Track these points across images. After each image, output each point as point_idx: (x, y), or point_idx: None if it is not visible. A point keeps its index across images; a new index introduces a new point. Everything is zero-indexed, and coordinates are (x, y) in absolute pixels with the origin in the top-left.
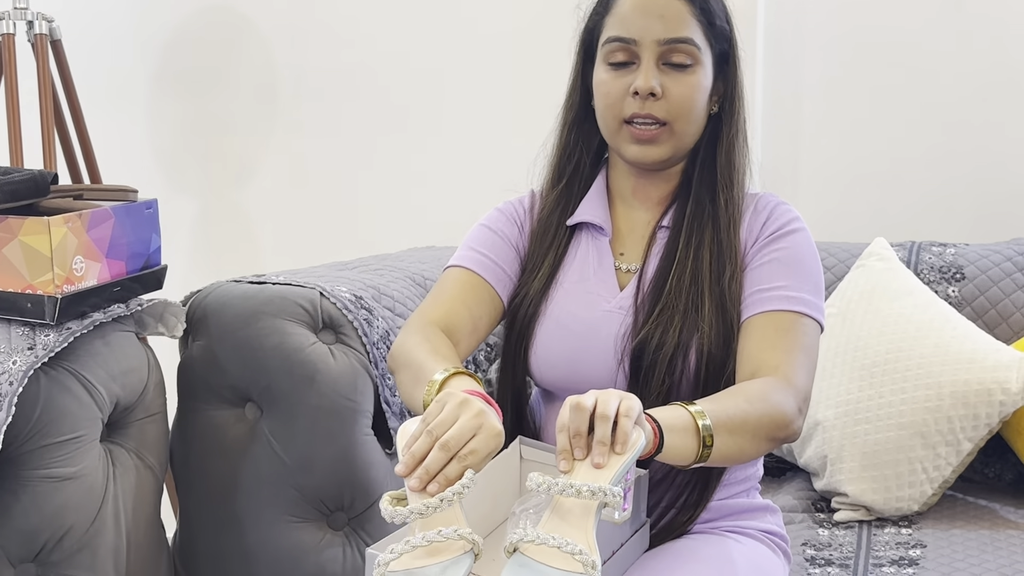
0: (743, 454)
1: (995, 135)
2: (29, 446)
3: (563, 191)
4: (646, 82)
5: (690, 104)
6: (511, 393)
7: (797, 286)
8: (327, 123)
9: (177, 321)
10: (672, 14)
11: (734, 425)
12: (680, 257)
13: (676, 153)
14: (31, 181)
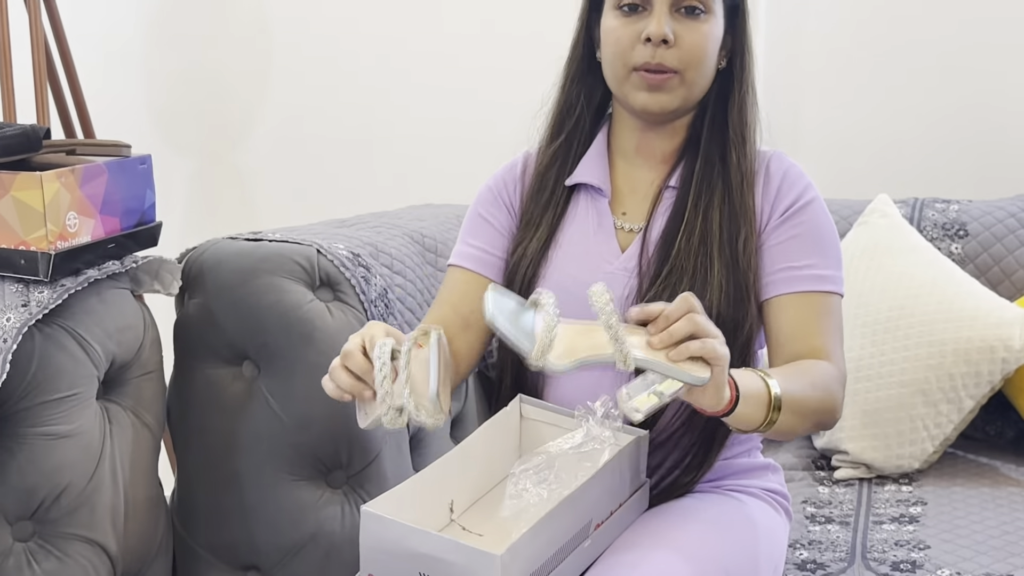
0: (793, 432)
1: (999, 92)
2: (25, 404)
3: (561, 146)
4: (659, 28)
5: (702, 53)
6: (511, 356)
7: (824, 263)
8: (325, 78)
9: (173, 278)
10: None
11: (797, 405)
12: (688, 218)
13: (685, 104)
14: (23, 136)
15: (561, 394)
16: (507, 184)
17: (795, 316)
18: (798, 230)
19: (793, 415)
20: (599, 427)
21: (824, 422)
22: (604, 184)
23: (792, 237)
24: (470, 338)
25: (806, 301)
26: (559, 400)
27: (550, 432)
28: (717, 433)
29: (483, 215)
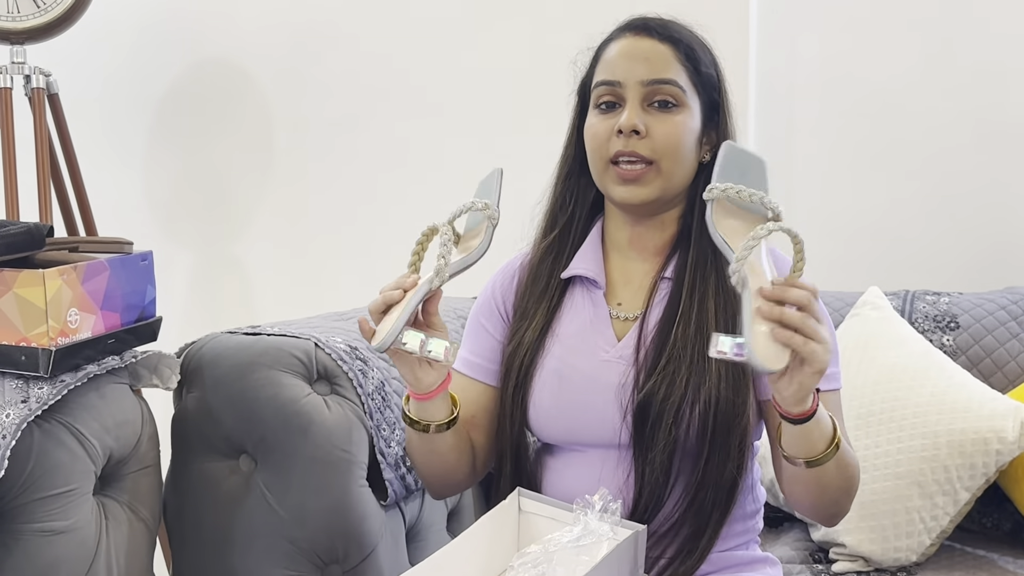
0: (822, 492)
1: (988, 184)
2: (22, 500)
3: (555, 240)
4: (629, 120)
5: (675, 142)
6: (510, 446)
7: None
8: (323, 175)
9: (171, 373)
10: (656, 56)
11: (843, 463)
12: (684, 307)
13: (664, 194)
14: (27, 234)
15: (560, 487)
16: (503, 292)
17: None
18: None
19: (836, 473)
20: (597, 521)
21: (843, 508)
22: (599, 276)
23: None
24: (479, 437)
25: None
26: (558, 492)
27: (548, 526)
28: (711, 520)
29: (482, 323)
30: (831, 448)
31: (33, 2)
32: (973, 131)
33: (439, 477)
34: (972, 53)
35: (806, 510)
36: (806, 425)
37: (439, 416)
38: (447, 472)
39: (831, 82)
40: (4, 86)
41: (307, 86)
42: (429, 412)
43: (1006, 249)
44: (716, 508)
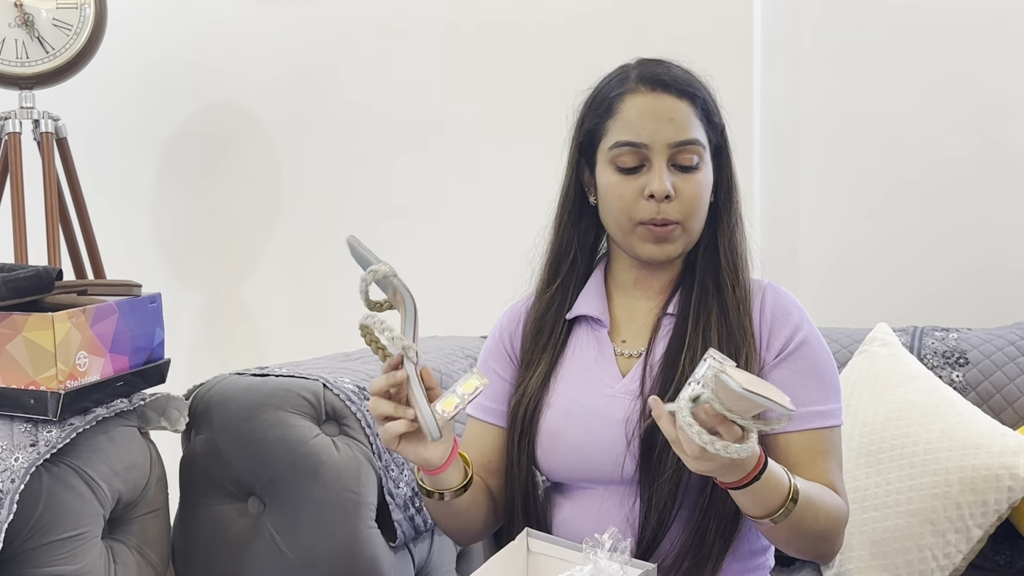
0: (789, 542)
1: (995, 219)
2: (31, 544)
3: (559, 289)
4: (662, 185)
5: (700, 203)
6: (520, 489)
7: (824, 398)
8: (329, 217)
9: (180, 415)
10: (680, 117)
11: (810, 511)
12: (690, 341)
13: (687, 248)
14: (36, 277)
15: (569, 526)
16: (511, 335)
17: (800, 452)
18: (797, 367)
19: (799, 526)
20: (607, 560)
21: (824, 550)
22: (603, 315)
23: (793, 374)
24: (496, 481)
25: (810, 439)
26: (567, 531)
27: (557, 566)
28: (712, 552)
29: (493, 368)
30: (786, 504)
31: (42, 47)
32: (979, 167)
33: (461, 532)
34: (977, 90)
35: (792, 553)
36: (749, 489)
37: (454, 483)
38: (469, 527)
39: (836, 120)
40: (13, 131)
41: (312, 128)
42: (443, 482)
43: (1014, 285)
44: (719, 539)
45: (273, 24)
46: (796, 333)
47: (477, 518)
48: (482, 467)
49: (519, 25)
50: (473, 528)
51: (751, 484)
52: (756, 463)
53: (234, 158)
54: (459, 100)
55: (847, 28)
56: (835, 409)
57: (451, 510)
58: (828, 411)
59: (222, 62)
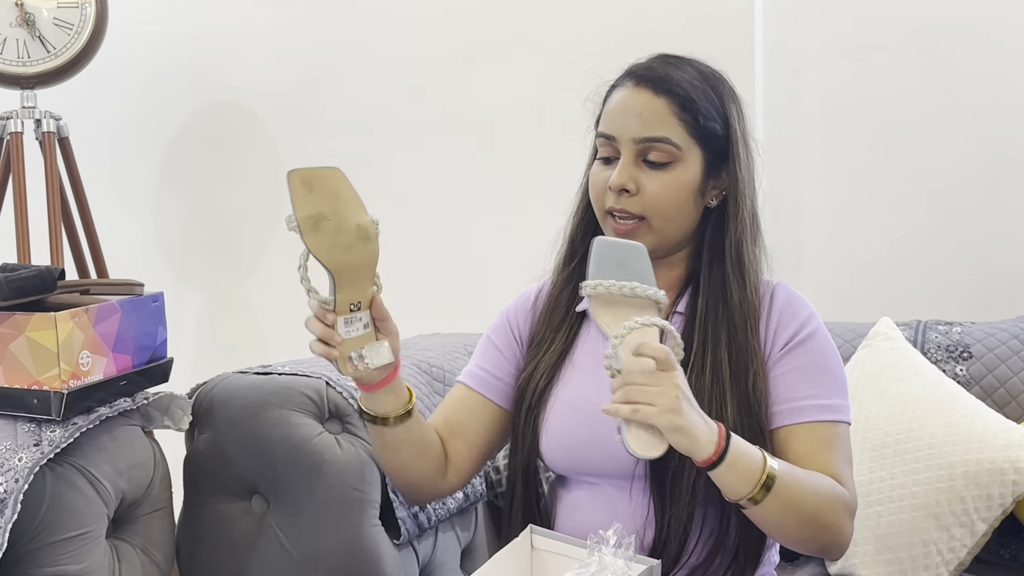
0: (784, 529)
1: (998, 213)
2: (35, 544)
3: (574, 271)
4: (618, 179)
5: (666, 201)
6: (522, 474)
7: (829, 392)
8: None
9: (183, 414)
10: (650, 112)
11: (791, 499)
12: (696, 354)
13: (661, 245)
14: (38, 277)
15: (573, 522)
16: (518, 314)
17: (802, 446)
18: (802, 360)
19: (784, 507)
20: (611, 557)
21: (823, 539)
22: None
23: (797, 368)
24: (460, 446)
25: (813, 431)
26: (571, 527)
27: (562, 563)
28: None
29: (493, 340)
30: (759, 487)
31: (43, 47)
32: (983, 160)
33: (398, 475)
34: (980, 84)
35: (793, 546)
36: (717, 470)
37: (388, 408)
38: (405, 469)
39: (838, 116)
40: (15, 130)
41: (314, 127)
42: (378, 403)
43: (1018, 278)
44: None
45: (275, 23)
46: (803, 328)
47: (415, 464)
48: (450, 426)
49: (520, 25)
50: (411, 475)
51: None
52: (720, 434)
53: (236, 157)
54: (460, 99)
55: (849, 24)
56: (840, 405)
57: (384, 440)
58: (832, 405)
59: (224, 61)
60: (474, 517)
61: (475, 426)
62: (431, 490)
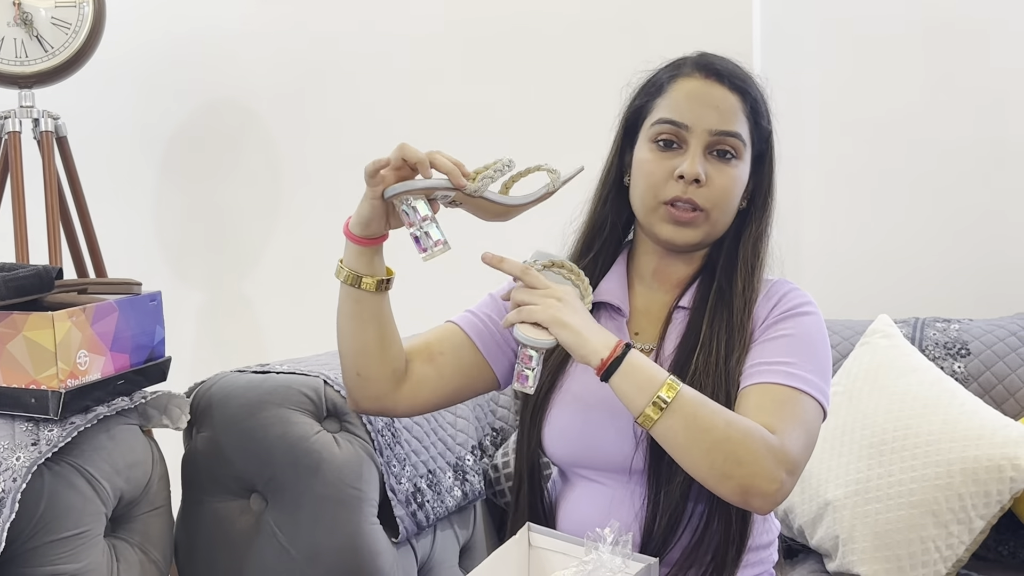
0: (686, 453)
1: (996, 210)
2: (33, 543)
3: (590, 263)
4: (693, 167)
5: (729, 195)
6: (526, 466)
7: (801, 364)
8: (329, 213)
9: (181, 413)
10: (727, 107)
11: (695, 421)
12: (704, 338)
13: (706, 239)
14: (36, 276)
15: (572, 519)
16: None
17: (752, 400)
18: (784, 332)
19: (688, 428)
20: (609, 555)
21: (739, 477)
22: (624, 304)
23: (777, 337)
24: (427, 370)
25: (770, 390)
26: (570, 525)
27: (559, 560)
28: (728, 556)
29: (495, 297)
30: (656, 401)
31: (41, 46)
32: (980, 158)
33: (355, 357)
34: (978, 82)
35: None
36: (613, 379)
37: (374, 268)
38: (363, 352)
39: (836, 112)
40: (13, 130)
41: (312, 125)
42: (363, 261)
43: (1016, 275)
44: (732, 542)
45: (274, 22)
46: (798, 308)
47: (374, 346)
48: (429, 350)
49: (519, 23)
50: (367, 357)
51: (617, 365)
52: (618, 344)
53: (235, 156)
54: (460, 98)
55: (847, 20)
56: (810, 379)
57: (355, 308)
58: (799, 375)
59: (222, 60)
60: (472, 515)
61: (453, 360)
62: (378, 390)
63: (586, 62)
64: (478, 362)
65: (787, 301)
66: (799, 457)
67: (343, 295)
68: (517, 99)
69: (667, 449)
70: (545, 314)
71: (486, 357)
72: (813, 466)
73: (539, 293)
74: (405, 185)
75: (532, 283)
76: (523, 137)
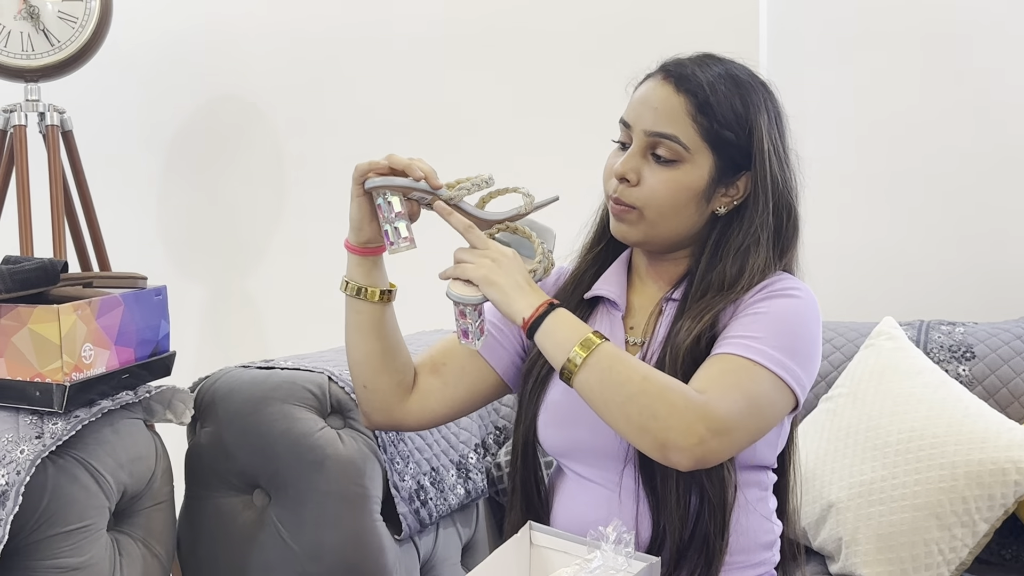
0: (606, 409)
1: (1002, 213)
2: (36, 536)
3: (599, 254)
4: (622, 167)
5: (661, 197)
6: (521, 451)
7: (766, 340)
8: (333, 209)
9: (185, 407)
10: (665, 108)
11: (612, 375)
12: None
13: (652, 238)
14: (41, 270)
15: (571, 516)
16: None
17: (704, 370)
18: (758, 310)
19: (603, 382)
20: (611, 553)
21: (654, 431)
22: (620, 299)
23: (750, 314)
24: (434, 382)
25: (723, 359)
26: (569, 522)
27: (560, 559)
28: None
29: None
30: (572, 354)
31: (47, 40)
32: (986, 161)
33: (362, 368)
34: (983, 84)
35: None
36: (537, 335)
37: (375, 280)
38: (369, 363)
39: (841, 115)
40: (19, 123)
41: (317, 121)
42: (365, 272)
43: (1021, 278)
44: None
45: (279, 17)
46: (778, 292)
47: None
48: (433, 362)
49: (523, 22)
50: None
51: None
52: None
53: (239, 151)
54: (463, 96)
55: (853, 23)
56: (771, 355)
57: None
58: (758, 348)
59: (228, 55)
60: (475, 513)
61: (458, 371)
62: (386, 402)
63: (588, 64)
64: (482, 368)
65: (774, 285)
66: (727, 417)
67: (348, 308)
68: (520, 99)
69: (588, 404)
70: (477, 272)
71: (489, 362)
72: (816, 467)
73: (477, 252)
74: (385, 180)
75: (474, 242)
76: (526, 135)
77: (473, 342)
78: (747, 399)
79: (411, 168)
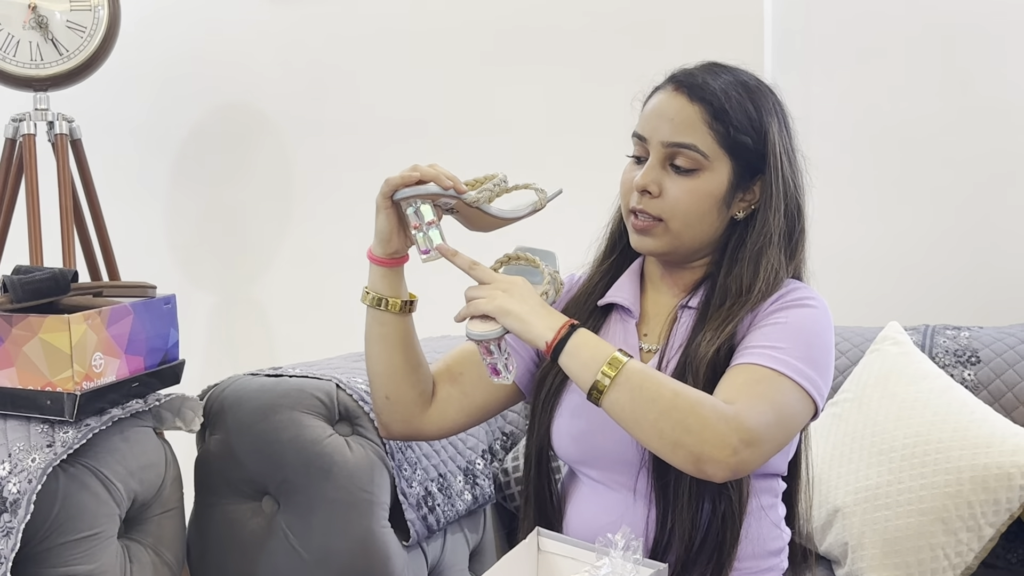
0: (638, 427)
1: (1007, 217)
2: (47, 544)
3: (612, 265)
4: (642, 179)
5: (685, 206)
6: (535, 465)
7: (787, 350)
8: (341, 217)
9: (195, 415)
10: (681, 118)
11: (643, 391)
12: (711, 340)
13: (677, 248)
14: (52, 279)
15: (584, 521)
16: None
17: (729, 380)
18: (778, 320)
19: (635, 400)
20: (619, 560)
21: (689, 445)
22: (634, 306)
23: (770, 324)
24: (452, 391)
25: (747, 369)
26: (579, 529)
27: (568, 565)
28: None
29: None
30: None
31: (56, 49)
32: (991, 166)
33: (383, 380)
34: (988, 89)
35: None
36: (562, 357)
37: (397, 291)
38: (391, 374)
39: (847, 120)
40: (28, 132)
41: (325, 128)
42: (386, 282)
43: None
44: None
45: (286, 24)
46: (801, 301)
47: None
48: (451, 372)
49: (528, 25)
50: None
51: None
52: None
53: (247, 159)
54: (472, 101)
55: (858, 30)
56: (793, 364)
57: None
58: (781, 359)
59: (235, 63)
60: (483, 519)
61: (474, 378)
62: (407, 413)
63: (593, 68)
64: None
65: (790, 295)
66: (757, 428)
67: (369, 319)
68: (529, 102)
69: (619, 423)
70: (491, 305)
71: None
72: (823, 472)
73: (486, 287)
74: (413, 189)
75: (480, 278)
76: (533, 138)
77: (505, 376)
78: (774, 409)
79: (439, 177)
